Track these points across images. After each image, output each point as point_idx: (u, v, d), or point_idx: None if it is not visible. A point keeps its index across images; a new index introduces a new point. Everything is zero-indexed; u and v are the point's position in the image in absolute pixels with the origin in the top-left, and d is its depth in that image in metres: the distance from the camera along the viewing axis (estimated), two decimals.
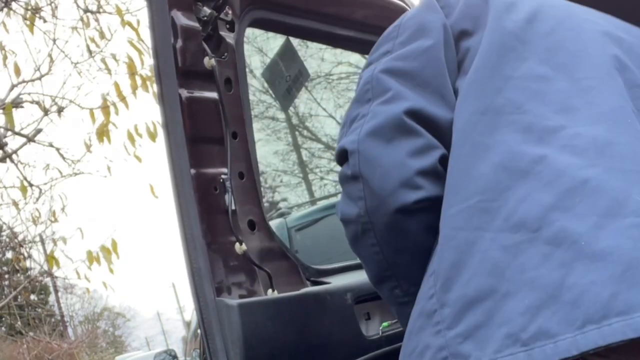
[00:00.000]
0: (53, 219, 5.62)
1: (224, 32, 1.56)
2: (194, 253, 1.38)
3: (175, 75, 1.44)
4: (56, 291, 14.95)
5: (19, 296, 7.89)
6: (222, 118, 1.50)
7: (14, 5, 4.87)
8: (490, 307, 0.85)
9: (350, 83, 3.25)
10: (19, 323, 8.61)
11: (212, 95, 1.50)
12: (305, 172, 3.78)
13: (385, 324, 1.66)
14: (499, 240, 0.89)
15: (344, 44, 2.07)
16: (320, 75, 3.00)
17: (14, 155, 5.30)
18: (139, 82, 4.51)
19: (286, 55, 2.18)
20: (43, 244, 6.53)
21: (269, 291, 1.50)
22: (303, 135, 3.62)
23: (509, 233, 0.89)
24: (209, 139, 1.49)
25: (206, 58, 1.49)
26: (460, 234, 0.93)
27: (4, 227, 7.05)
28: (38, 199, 5.54)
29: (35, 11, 4.85)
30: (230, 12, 1.57)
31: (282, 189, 3.91)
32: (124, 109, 4.63)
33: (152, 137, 4.49)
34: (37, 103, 5.24)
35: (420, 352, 0.91)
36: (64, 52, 5.08)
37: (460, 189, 0.97)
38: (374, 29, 1.94)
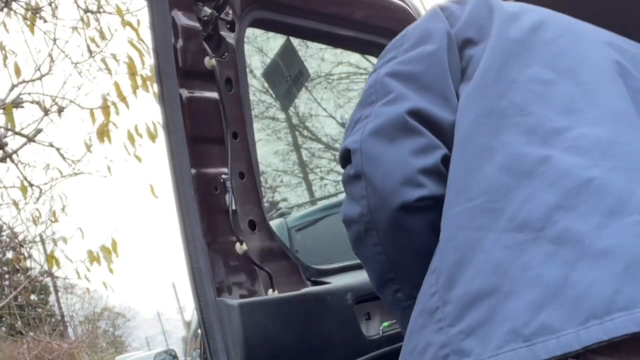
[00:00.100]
0: (53, 219, 5.63)
1: (224, 32, 1.56)
2: (195, 253, 1.38)
3: (176, 75, 1.44)
4: (56, 291, 14.96)
5: (19, 296, 7.89)
6: (223, 118, 1.50)
7: (14, 5, 4.87)
8: (493, 305, 0.85)
9: (350, 83, 3.24)
10: (19, 323, 8.60)
11: (213, 95, 1.50)
12: (305, 172, 3.78)
13: (386, 324, 1.66)
14: (502, 240, 0.89)
15: (344, 44, 2.07)
16: (320, 75, 3.00)
17: (14, 155, 5.30)
18: (139, 82, 4.52)
19: (286, 55, 2.18)
20: (43, 244, 6.53)
21: (270, 291, 1.50)
22: (303, 135, 3.62)
23: (513, 233, 0.89)
24: (210, 139, 1.49)
25: (207, 58, 1.49)
26: (463, 234, 0.93)
27: (4, 227, 7.06)
28: (38, 199, 5.54)
29: (35, 11, 4.85)
30: (230, 12, 1.57)
31: (282, 189, 3.91)
32: (124, 108, 4.63)
33: (152, 137, 4.49)
34: (38, 103, 5.24)
35: (421, 351, 0.91)
36: (64, 52, 5.09)
37: (463, 189, 0.97)
38: (374, 29, 1.95)
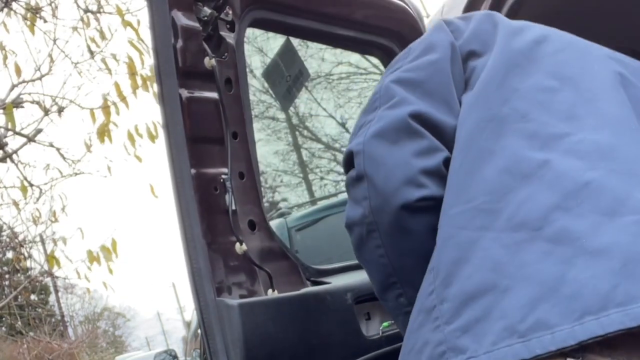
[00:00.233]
0: (53, 219, 5.63)
1: (224, 32, 1.56)
2: (194, 253, 1.38)
3: (176, 75, 1.44)
4: (56, 291, 14.96)
5: (19, 296, 7.88)
6: (223, 118, 1.50)
7: (14, 5, 4.87)
8: (490, 302, 0.85)
9: (350, 83, 3.25)
10: (19, 323, 8.60)
11: (213, 95, 1.50)
12: (305, 172, 3.78)
13: (386, 324, 1.66)
14: (500, 239, 0.89)
15: (344, 44, 2.07)
16: (320, 75, 3.00)
17: (14, 155, 5.30)
18: (140, 82, 4.52)
19: (286, 55, 2.18)
20: (43, 244, 6.53)
21: (269, 291, 1.50)
22: (303, 135, 3.62)
23: (511, 232, 0.89)
24: (209, 139, 1.49)
25: (206, 58, 1.49)
26: (462, 233, 0.93)
27: (4, 227, 7.06)
28: (38, 199, 5.54)
29: (35, 11, 4.85)
30: (230, 12, 1.57)
31: (282, 189, 3.91)
32: (124, 108, 4.63)
33: (152, 138, 4.50)
34: (38, 103, 5.24)
35: (419, 349, 0.91)
36: (64, 52, 5.09)
37: (463, 190, 0.97)
38: (374, 29, 1.95)
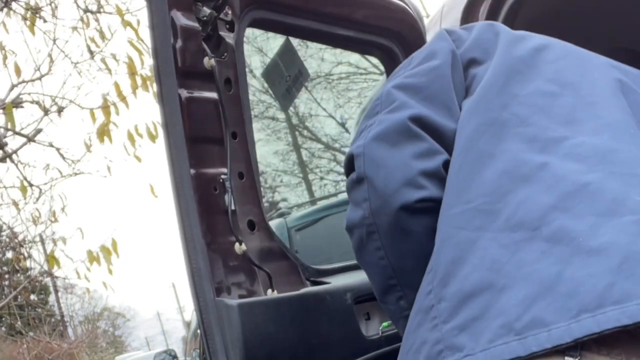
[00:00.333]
0: (53, 219, 5.63)
1: (223, 32, 1.56)
2: (194, 253, 1.38)
3: (175, 75, 1.43)
4: (56, 291, 14.96)
5: (19, 296, 7.89)
6: (222, 118, 1.50)
7: (14, 5, 4.87)
8: (487, 300, 0.86)
9: (350, 83, 3.25)
10: (19, 323, 8.61)
11: (212, 95, 1.50)
12: (305, 172, 3.78)
13: (385, 324, 1.66)
14: (499, 239, 0.90)
15: (344, 44, 2.07)
16: (320, 75, 3.00)
17: (14, 155, 5.30)
18: (139, 82, 4.52)
19: (286, 55, 2.18)
20: (43, 244, 6.53)
21: (269, 291, 1.50)
22: (303, 135, 3.62)
23: (509, 232, 0.90)
24: (209, 139, 1.49)
25: (206, 58, 1.49)
26: (461, 233, 0.94)
27: (4, 227, 7.06)
28: (38, 199, 5.55)
29: (35, 11, 4.85)
30: (230, 12, 1.57)
31: (282, 189, 3.91)
32: (124, 108, 4.63)
33: (152, 138, 4.50)
34: (37, 103, 5.24)
35: (417, 349, 0.91)
36: (64, 52, 5.09)
37: (462, 192, 0.98)
38: (374, 29, 1.94)
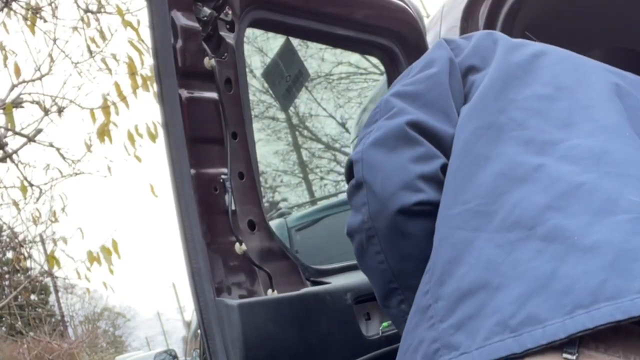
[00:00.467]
0: (53, 219, 5.63)
1: (224, 32, 1.56)
2: (194, 253, 1.38)
3: (175, 75, 1.43)
4: (56, 291, 14.96)
5: (19, 296, 7.89)
6: (222, 118, 1.50)
7: (14, 5, 4.87)
8: (483, 299, 0.86)
9: (350, 83, 3.25)
10: (19, 323, 8.60)
11: (212, 95, 1.50)
12: (305, 172, 3.79)
13: (385, 324, 1.66)
14: (495, 239, 0.91)
15: (344, 44, 2.07)
16: (320, 75, 3.00)
17: (14, 155, 5.30)
18: (140, 82, 4.52)
19: (286, 55, 2.18)
20: (43, 244, 6.53)
21: (269, 291, 1.50)
22: (303, 135, 3.62)
23: (505, 232, 0.91)
24: (209, 139, 1.49)
25: (206, 58, 1.49)
26: (457, 233, 0.95)
27: (4, 227, 7.06)
28: (38, 199, 5.54)
29: (35, 11, 4.85)
30: (230, 12, 1.57)
31: (282, 189, 3.91)
32: (124, 108, 4.63)
33: (153, 138, 4.50)
34: (38, 103, 5.24)
35: (414, 348, 0.92)
36: (64, 52, 5.08)
37: (459, 193, 0.99)
38: (374, 29, 1.94)
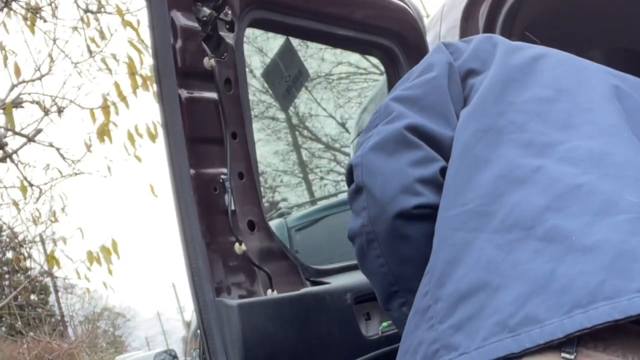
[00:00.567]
0: (53, 219, 5.63)
1: (223, 32, 1.56)
2: (194, 253, 1.38)
3: (175, 75, 1.43)
4: (56, 291, 14.96)
5: (19, 296, 7.89)
6: (222, 118, 1.50)
7: (14, 5, 4.87)
8: (482, 300, 0.87)
9: (350, 83, 3.25)
10: (19, 323, 8.60)
11: (212, 95, 1.50)
12: (305, 172, 3.78)
13: (385, 324, 1.66)
14: (494, 240, 0.91)
15: (344, 44, 2.07)
16: (320, 75, 3.00)
17: (14, 155, 5.30)
18: (139, 82, 4.52)
19: (286, 55, 2.18)
20: (43, 244, 6.53)
21: (269, 291, 1.50)
22: (303, 135, 3.62)
23: (504, 233, 0.91)
24: (209, 139, 1.49)
25: (206, 58, 1.49)
26: (457, 234, 0.95)
27: (4, 227, 7.06)
28: (38, 199, 5.54)
29: (35, 11, 4.85)
30: (230, 12, 1.57)
31: (282, 189, 3.91)
32: (124, 108, 4.63)
33: (152, 137, 4.50)
34: (37, 103, 5.24)
35: (414, 349, 0.92)
36: (64, 52, 5.08)
37: (459, 195, 0.99)
38: (374, 29, 1.94)
